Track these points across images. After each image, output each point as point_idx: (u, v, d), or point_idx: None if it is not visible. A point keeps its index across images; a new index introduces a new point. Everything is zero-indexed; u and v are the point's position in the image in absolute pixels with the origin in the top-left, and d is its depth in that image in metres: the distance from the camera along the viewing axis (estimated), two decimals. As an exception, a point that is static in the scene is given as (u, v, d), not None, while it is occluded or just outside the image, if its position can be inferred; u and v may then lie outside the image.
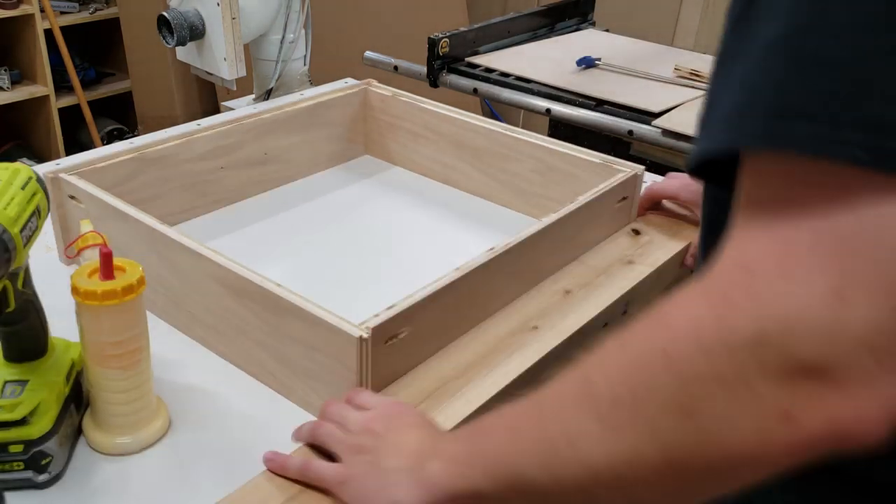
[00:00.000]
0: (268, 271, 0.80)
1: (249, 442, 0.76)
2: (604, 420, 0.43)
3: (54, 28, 3.04)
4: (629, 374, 0.43)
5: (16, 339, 0.73)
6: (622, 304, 0.94)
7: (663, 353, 0.40)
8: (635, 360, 0.42)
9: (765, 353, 0.37)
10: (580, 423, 0.45)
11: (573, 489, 0.46)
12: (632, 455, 0.42)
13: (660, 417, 0.40)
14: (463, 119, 1.21)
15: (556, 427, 0.46)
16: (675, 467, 0.41)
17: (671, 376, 0.40)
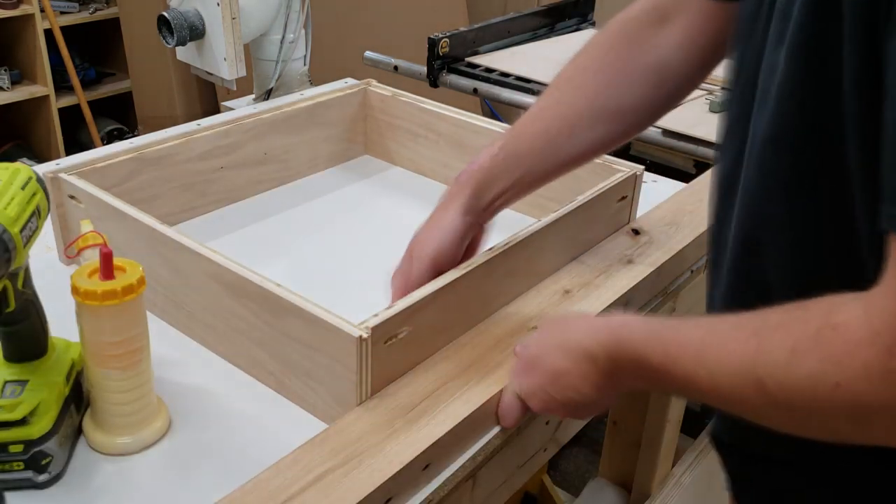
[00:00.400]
0: (268, 271, 0.80)
1: (249, 442, 0.77)
2: (782, 411, 0.52)
3: (54, 28, 3.04)
4: (802, 389, 0.50)
5: (16, 339, 0.73)
6: (621, 304, 0.94)
7: (836, 386, 0.48)
8: (809, 386, 0.49)
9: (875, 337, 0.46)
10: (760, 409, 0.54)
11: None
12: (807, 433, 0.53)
13: (834, 425, 0.50)
14: (463, 119, 1.21)
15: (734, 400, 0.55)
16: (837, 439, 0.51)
17: (845, 404, 0.48)
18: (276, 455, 0.70)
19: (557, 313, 0.89)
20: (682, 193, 1.16)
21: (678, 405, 1.39)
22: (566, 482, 1.94)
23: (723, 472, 0.77)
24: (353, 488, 0.67)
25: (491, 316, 0.89)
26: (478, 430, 0.78)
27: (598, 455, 1.59)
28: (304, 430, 0.75)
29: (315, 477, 0.68)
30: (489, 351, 0.83)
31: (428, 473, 0.73)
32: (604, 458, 1.54)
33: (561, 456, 2.00)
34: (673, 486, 1.44)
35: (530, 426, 0.84)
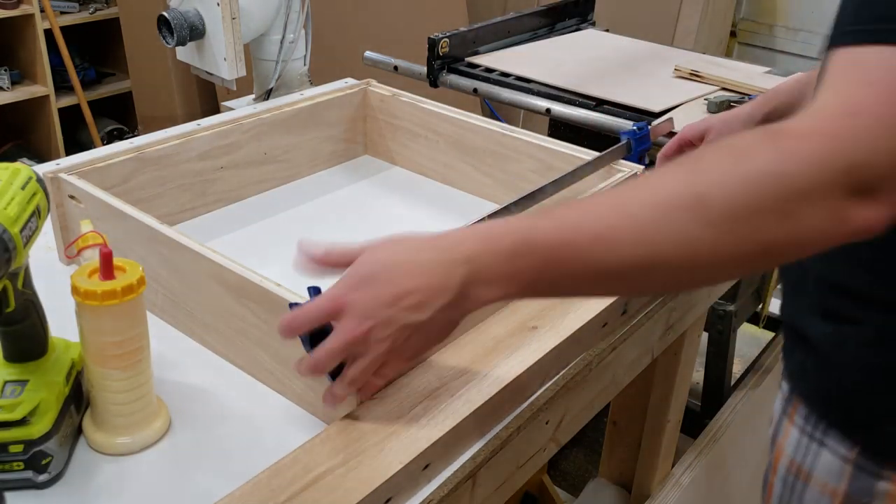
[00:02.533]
0: (268, 271, 0.80)
1: (249, 442, 0.77)
2: (717, 227, 0.55)
3: (54, 28, 3.04)
4: (748, 188, 0.54)
5: (16, 339, 0.73)
6: (621, 304, 0.94)
7: (781, 174, 0.54)
8: (755, 179, 0.54)
9: (851, 177, 0.52)
10: (693, 230, 0.56)
11: (663, 281, 0.61)
12: (736, 249, 0.56)
13: (768, 220, 0.54)
14: (463, 119, 1.21)
15: (661, 237, 0.57)
16: (765, 254, 0.56)
17: (786, 190, 0.54)
18: (276, 455, 0.70)
19: (557, 314, 0.89)
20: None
21: (678, 405, 1.39)
22: (566, 482, 1.94)
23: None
24: (353, 488, 0.67)
25: (491, 316, 0.89)
26: (478, 430, 0.78)
27: (598, 455, 1.59)
28: (304, 430, 0.75)
29: (315, 477, 0.68)
30: (489, 351, 0.83)
31: (428, 473, 0.73)
32: (604, 458, 1.54)
33: (561, 456, 2.00)
34: (673, 486, 1.44)
35: (530, 426, 0.84)
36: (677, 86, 1.58)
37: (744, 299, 1.66)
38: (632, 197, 0.59)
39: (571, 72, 1.62)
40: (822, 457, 0.78)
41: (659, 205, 0.57)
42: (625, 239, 0.58)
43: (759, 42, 3.04)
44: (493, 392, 0.78)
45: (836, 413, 0.76)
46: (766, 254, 0.57)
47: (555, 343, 0.85)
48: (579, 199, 0.62)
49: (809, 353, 0.79)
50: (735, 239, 0.55)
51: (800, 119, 0.56)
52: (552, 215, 0.62)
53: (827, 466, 0.77)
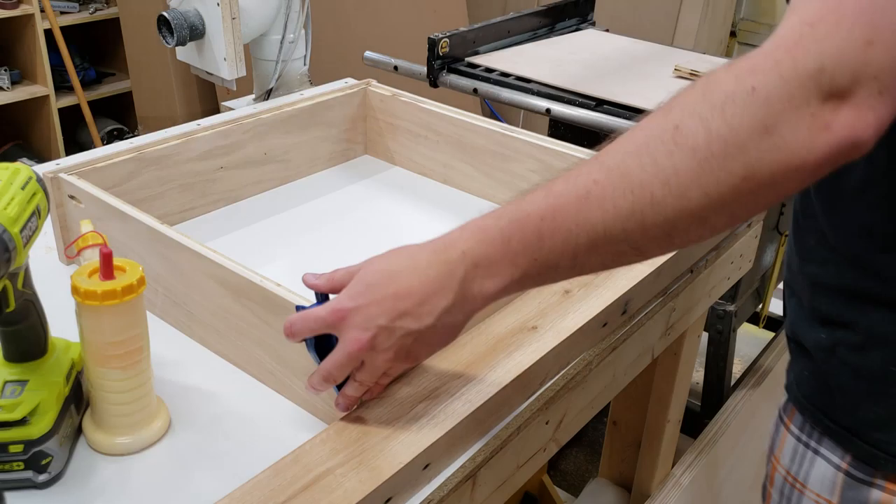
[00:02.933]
0: (268, 271, 0.80)
1: (249, 442, 0.77)
2: (698, 153, 0.54)
3: (54, 28, 3.04)
4: (722, 110, 0.53)
5: (16, 339, 0.73)
6: (621, 304, 0.94)
7: (752, 90, 0.53)
8: (727, 99, 0.54)
9: (821, 81, 0.51)
10: (676, 164, 0.55)
11: (658, 231, 0.57)
12: (723, 176, 0.54)
13: (749, 139, 0.53)
14: (463, 119, 1.21)
15: (646, 177, 0.55)
16: (753, 180, 0.54)
17: (759, 104, 0.53)
18: (276, 455, 0.70)
19: (557, 314, 0.89)
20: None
21: (678, 405, 1.39)
22: (566, 482, 1.94)
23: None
24: (353, 488, 0.67)
25: (491, 316, 0.89)
26: (478, 431, 0.78)
27: (598, 455, 1.59)
28: (304, 430, 0.75)
29: (315, 477, 0.68)
30: (489, 351, 0.83)
31: (428, 473, 0.73)
32: (604, 458, 1.54)
33: (561, 456, 2.00)
34: (673, 486, 1.44)
35: (530, 426, 0.84)
36: (677, 86, 1.57)
37: (744, 299, 1.66)
38: (613, 149, 0.58)
39: (571, 72, 1.62)
40: (816, 466, 0.76)
41: (640, 146, 0.56)
42: (612, 189, 0.57)
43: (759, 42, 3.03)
44: (493, 392, 0.78)
45: (828, 420, 0.75)
46: (756, 179, 0.54)
47: (555, 343, 0.85)
48: (563, 171, 0.61)
49: (805, 360, 0.78)
50: (718, 164, 0.54)
51: (762, 44, 0.55)
52: (538, 190, 0.61)
53: (821, 476, 0.76)
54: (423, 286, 0.64)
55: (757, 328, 1.92)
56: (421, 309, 0.64)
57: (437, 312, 0.64)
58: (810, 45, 0.52)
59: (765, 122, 0.52)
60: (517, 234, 0.61)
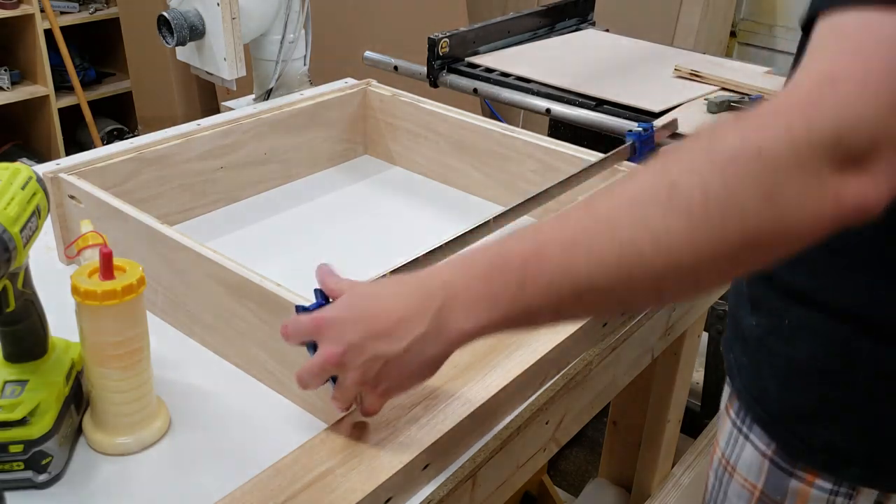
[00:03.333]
0: (268, 271, 0.80)
1: (249, 442, 0.77)
2: (693, 215, 0.50)
3: (54, 28, 3.04)
4: (723, 170, 0.50)
5: (16, 339, 0.73)
6: (622, 304, 0.94)
7: (758, 151, 0.49)
8: (730, 158, 0.50)
9: (836, 149, 0.47)
10: (668, 223, 0.51)
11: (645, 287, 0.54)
12: (717, 241, 0.50)
13: (748, 204, 0.49)
14: (463, 119, 1.21)
15: (636, 233, 0.52)
16: (750, 246, 0.50)
17: (764, 168, 0.48)
18: (276, 455, 0.70)
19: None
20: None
21: (678, 405, 1.39)
22: (566, 482, 1.94)
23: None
24: (353, 488, 0.67)
25: (491, 316, 0.89)
26: (478, 431, 0.78)
27: (598, 455, 1.59)
28: (304, 430, 0.75)
29: (315, 477, 0.68)
30: (489, 351, 0.83)
31: (428, 473, 0.73)
32: (604, 458, 1.54)
33: (561, 456, 2.00)
34: (673, 487, 1.44)
35: (530, 426, 0.84)
36: (677, 86, 1.58)
37: (744, 299, 1.66)
38: (604, 198, 0.56)
39: (571, 72, 1.62)
40: (746, 451, 0.77)
41: (632, 200, 0.53)
42: (600, 241, 0.54)
43: (759, 42, 3.04)
44: (492, 392, 0.78)
45: (758, 408, 0.75)
46: (752, 245, 0.50)
47: (555, 343, 0.85)
48: (553, 215, 0.59)
49: (742, 346, 0.77)
50: (714, 229, 0.50)
51: (776, 96, 0.51)
52: (526, 231, 0.59)
53: (748, 461, 0.77)
54: (398, 310, 0.62)
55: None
56: (394, 333, 0.62)
57: (409, 338, 0.62)
58: (829, 107, 0.48)
59: (768, 189, 0.49)
60: (499, 275, 0.58)
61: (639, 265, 0.53)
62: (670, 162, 0.53)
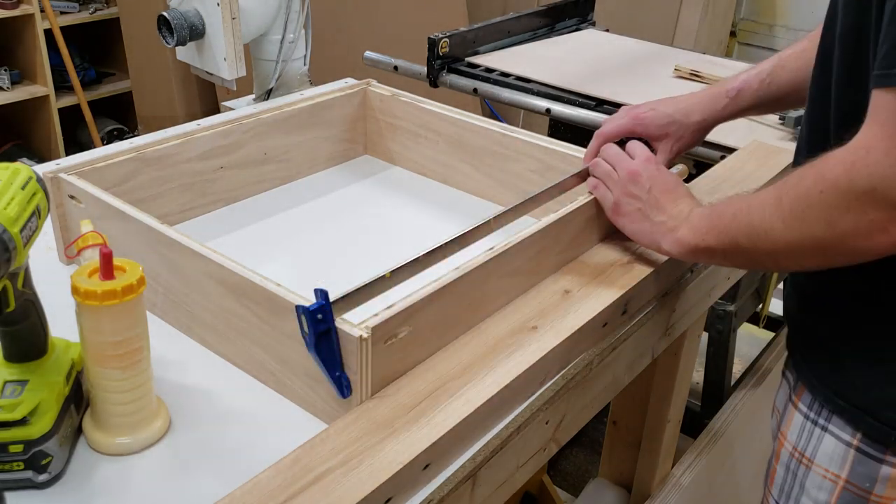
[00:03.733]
0: (268, 271, 0.80)
1: (249, 442, 0.77)
2: (785, 221, 0.75)
3: (54, 28, 3.04)
4: (800, 199, 0.73)
5: (16, 339, 0.73)
6: (621, 304, 0.94)
7: (820, 193, 0.71)
8: (803, 193, 0.73)
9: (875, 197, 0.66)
10: (772, 222, 0.76)
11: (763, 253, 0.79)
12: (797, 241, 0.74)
13: (814, 223, 0.72)
14: (463, 119, 1.21)
15: (758, 221, 0.78)
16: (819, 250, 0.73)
17: (823, 205, 0.71)
18: (276, 455, 0.70)
19: (557, 314, 0.89)
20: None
21: (678, 405, 1.39)
22: (566, 482, 1.94)
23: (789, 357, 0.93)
24: (353, 488, 0.67)
25: (491, 316, 0.89)
26: (478, 430, 0.78)
27: (598, 455, 1.59)
28: (304, 430, 0.75)
29: (315, 477, 0.68)
30: (489, 351, 0.83)
31: (428, 473, 0.73)
32: (604, 458, 1.54)
33: (561, 456, 2.00)
34: (673, 487, 1.44)
35: (530, 426, 0.84)
36: (677, 86, 1.58)
37: (744, 299, 1.66)
38: (757, 193, 0.81)
39: (571, 72, 1.62)
40: (825, 442, 0.82)
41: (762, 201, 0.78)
42: (746, 219, 0.79)
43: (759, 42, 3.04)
44: (493, 392, 0.78)
45: (839, 400, 0.81)
46: (820, 250, 0.73)
47: (555, 343, 0.85)
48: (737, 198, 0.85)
49: (815, 344, 0.85)
50: (795, 233, 0.74)
51: (837, 150, 0.70)
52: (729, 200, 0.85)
53: (829, 452, 0.82)
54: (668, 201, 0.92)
55: (757, 328, 1.91)
56: (657, 204, 0.92)
57: (660, 214, 0.91)
58: (863, 169, 0.67)
59: (826, 216, 0.70)
60: (715, 217, 0.85)
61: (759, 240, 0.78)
62: (783, 183, 0.76)
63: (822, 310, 0.86)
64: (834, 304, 0.84)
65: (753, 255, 0.80)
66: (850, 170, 0.68)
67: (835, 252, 0.72)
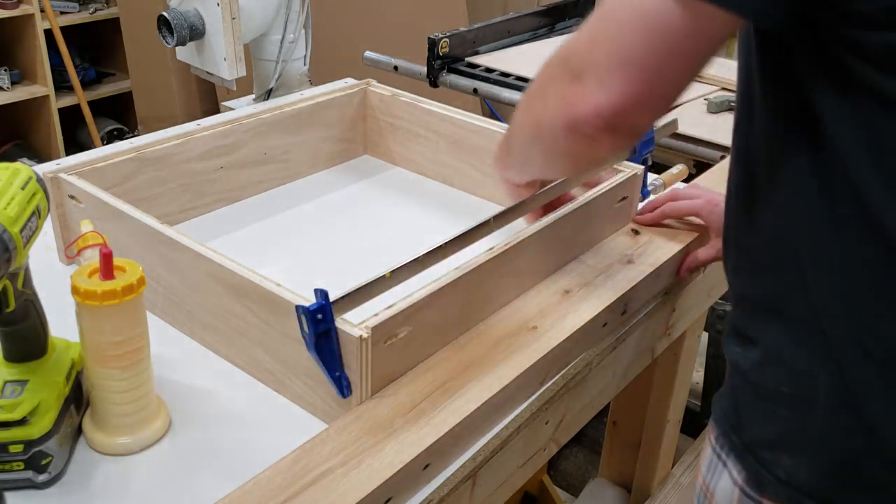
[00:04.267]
0: (268, 271, 0.80)
1: (249, 442, 0.77)
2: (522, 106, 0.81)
3: (54, 28, 3.04)
4: (533, 86, 0.77)
5: (16, 339, 0.73)
6: (621, 304, 0.94)
7: (541, 73, 0.75)
8: (534, 86, 0.77)
9: (565, 63, 0.70)
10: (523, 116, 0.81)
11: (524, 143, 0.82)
12: (528, 123, 0.78)
13: (533, 102, 0.77)
14: (463, 119, 1.21)
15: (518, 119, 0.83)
16: (536, 127, 0.76)
17: (540, 82, 0.75)
18: (276, 455, 0.70)
19: (557, 314, 0.89)
20: (682, 193, 1.15)
21: (678, 405, 1.39)
22: (566, 482, 1.94)
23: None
24: (353, 488, 0.67)
25: (491, 316, 0.89)
26: (478, 431, 0.78)
27: (598, 455, 1.59)
28: (304, 430, 0.75)
29: (315, 477, 0.68)
30: (489, 351, 0.83)
31: (428, 473, 0.73)
32: (604, 458, 1.54)
33: (561, 456, 2.00)
34: (673, 487, 1.44)
35: (530, 426, 0.84)
36: (677, 86, 1.57)
37: (744, 299, 1.66)
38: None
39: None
40: (723, 479, 0.76)
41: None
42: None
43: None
44: (492, 392, 0.78)
45: (733, 436, 0.74)
46: (537, 128, 0.75)
47: (555, 343, 0.85)
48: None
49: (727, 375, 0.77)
50: (525, 114, 0.79)
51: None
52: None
53: (724, 490, 0.75)
54: None
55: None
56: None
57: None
58: (568, 46, 0.71)
59: (542, 90, 0.75)
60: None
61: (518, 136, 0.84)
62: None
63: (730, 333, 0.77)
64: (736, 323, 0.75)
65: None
66: (562, 50, 0.71)
67: (546, 131, 0.73)
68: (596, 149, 0.70)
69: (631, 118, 0.67)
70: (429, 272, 0.81)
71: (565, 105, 0.68)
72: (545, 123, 0.73)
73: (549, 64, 0.73)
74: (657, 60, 0.64)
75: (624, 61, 0.64)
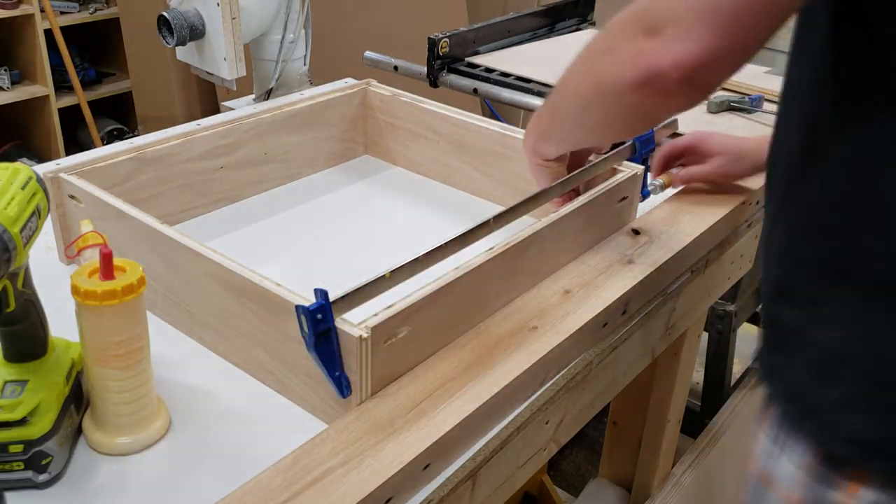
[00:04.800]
0: (268, 271, 0.80)
1: (249, 442, 0.77)
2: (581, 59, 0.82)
3: (54, 28, 3.04)
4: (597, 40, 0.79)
5: (16, 339, 0.73)
6: (622, 304, 0.94)
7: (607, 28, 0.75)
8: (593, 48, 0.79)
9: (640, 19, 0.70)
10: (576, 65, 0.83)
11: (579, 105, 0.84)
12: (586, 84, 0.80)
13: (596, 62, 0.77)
14: (463, 119, 1.21)
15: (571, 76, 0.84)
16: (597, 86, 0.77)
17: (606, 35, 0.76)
18: (276, 455, 0.70)
19: (557, 314, 0.89)
20: (681, 194, 1.16)
21: (678, 405, 1.40)
22: (566, 482, 1.94)
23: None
24: (353, 488, 0.67)
25: (491, 316, 0.89)
26: (478, 431, 0.78)
27: (598, 455, 1.59)
28: (304, 430, 0.75)
29: (315, 477, 0.68)
30: (489, 351, 0.83)
31: (428, 473, 0.73)
32: (604, 458, 1.54)
33: (561, 456, 2.00)
34: (673, 487, 1.44)
35: (530, 426, 0.84)
36: (677, 86, 1.57)
37: (744, 299, 1.66)
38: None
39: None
40: (783, 463, 0.74)
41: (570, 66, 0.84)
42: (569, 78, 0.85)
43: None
44: (493, 392, 0.78)
45: (794, 413, 0.73)
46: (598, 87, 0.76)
47: (555, 343, 0.85)
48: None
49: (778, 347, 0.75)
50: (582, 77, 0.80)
51: None
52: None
53: (787, 473, 0.74)
54: None
55: (757, 328, 1.91)
56: None
57: None
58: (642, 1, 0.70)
59: (609, 45, 0.75)
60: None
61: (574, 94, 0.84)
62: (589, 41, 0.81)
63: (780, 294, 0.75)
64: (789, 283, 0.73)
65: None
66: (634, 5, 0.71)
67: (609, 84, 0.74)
68: (669, 103, 0.72)
69: (711, 71, 0.67)
70: (429, 272, 0.81)
71: (641, 58, 0.68)
72: (611, 81, 0.73)
73: (615, 23, 0.73)
74: (742, 13, 0.64)
75: (708, 14, 0.65)
